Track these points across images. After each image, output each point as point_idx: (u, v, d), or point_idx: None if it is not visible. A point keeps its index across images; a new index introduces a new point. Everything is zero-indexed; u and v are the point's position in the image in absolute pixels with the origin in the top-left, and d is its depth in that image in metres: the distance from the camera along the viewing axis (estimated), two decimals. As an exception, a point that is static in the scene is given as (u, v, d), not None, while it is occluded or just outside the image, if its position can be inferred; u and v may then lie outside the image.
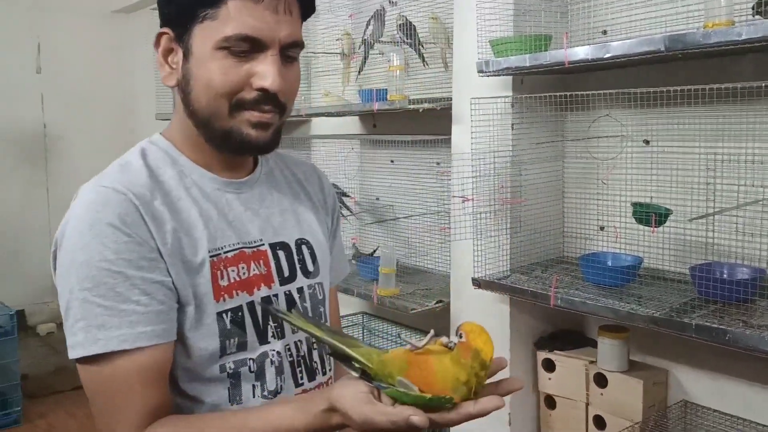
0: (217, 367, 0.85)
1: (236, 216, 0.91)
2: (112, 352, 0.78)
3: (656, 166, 1.85)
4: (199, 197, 0.88)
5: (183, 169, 0.89)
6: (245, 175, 0.96)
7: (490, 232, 1.96)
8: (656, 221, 1.57)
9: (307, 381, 0.94)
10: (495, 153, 1.93)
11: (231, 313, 0.86)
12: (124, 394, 0.79)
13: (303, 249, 0.98)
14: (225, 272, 0.86)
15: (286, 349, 0.92)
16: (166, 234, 0.82)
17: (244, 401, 0.87)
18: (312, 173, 1.09)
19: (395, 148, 2.68)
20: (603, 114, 1.96)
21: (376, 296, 2.28)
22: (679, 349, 1.91)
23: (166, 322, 0.81)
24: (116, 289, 0.79)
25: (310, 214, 1.03)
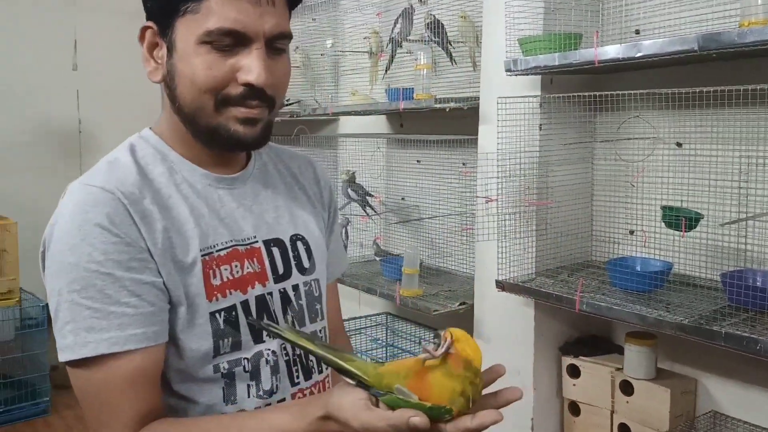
0: (210, 367, 0.84)
1: (228, 213, 0.89)
2: (102, 355, 0.77)
3: (688, 169, 1.80)
4: (190, 194, 0.86)
5: (173, 165, 0.87)
6: (238, 170, 0.94)
7: (515, 233, 1.93)
8: (686, 225, 1.52)
9: (303, 380, 0.92)
10: (522, 153, 1.89)
11: (224, 313, 0.84)
12: (114, 398, 0.78)
13: (298, 245, 0.96)
14: (217, 271, 0.84)
15: (282, 348, 0.90)
16: (156, 233, 0.80)
17: (239, 401, 0.85)
18: (307, 166, 1.06)
19: (422, 147, 2.66)
20: (633, 115, 1.92)
21: (399, 297, 2.26)
22: (708, 357, 1.85)
23: (157, 324, 0.79)
24: (105, 291, 0.77)
25: (305, 208, 1.00)
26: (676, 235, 1.81)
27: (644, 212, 1.92)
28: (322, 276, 1.00)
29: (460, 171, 1.97)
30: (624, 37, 1.89)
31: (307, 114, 2.87)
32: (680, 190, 1.80)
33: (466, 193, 2.47)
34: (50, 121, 4.23)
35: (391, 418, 0.66)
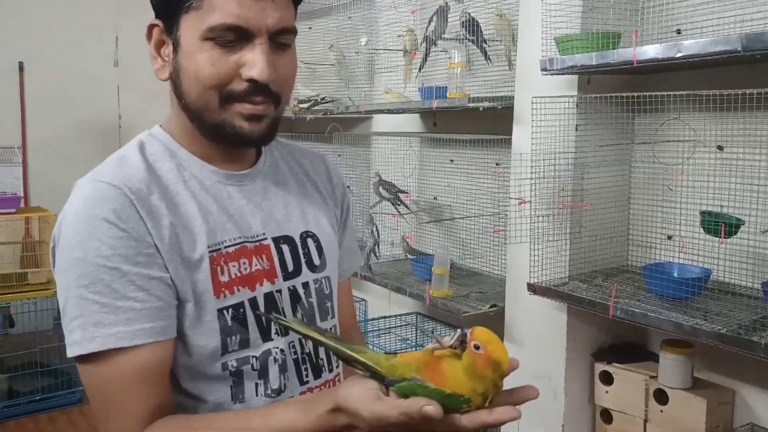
0: (219, 365, 0.83)
1: (237, 209, 0.88)
2: (109, 350, 0.76)
3: (729, 173, 1.74)
4: (198, 191, 0.86)
5: (182, 162, 0.87)
6: (248, 166, 0.93)
7: (548, 236, 1.90)
8: (726, 231, 1.47)
9: (312, 379, 0.91)
10: (556, 154, 1.86)
11: (232, 310, 0.84)
12: (122, 393, 0.77)
13: (308, 242, 0.95)
14: (225, 267, 0.84)
15: (290, 346, 0.89)
16: (163, 229, 0.80)
17: (247, 400, 0.85)
18: (320, 163, 1.05)
19: (455, 147, 2.63)
20: (672, 117, 1.87)
21: (429, 297, 2.24)
22: (748, 368, 1.79)
23: (165, 319, 0.79)
24: (112, 285, 0.77)
25: (317, 205, 0.99)
26: (715, 242, 1.76)
27: (683, 217, 1.87)
28: (333, 274, 0.99)
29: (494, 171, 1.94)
30: (664, 36, 1.83)
31: (340, 112, 2.87)
32: (720, 194, 1.74)
33: (498, 193, 2.44)
34: (91, 115, 4.32)
35: (402, 406, 0.64)
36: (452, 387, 0.64)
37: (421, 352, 0.70)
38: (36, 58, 4.03)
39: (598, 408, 2.03)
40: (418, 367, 0.67)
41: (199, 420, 0.80)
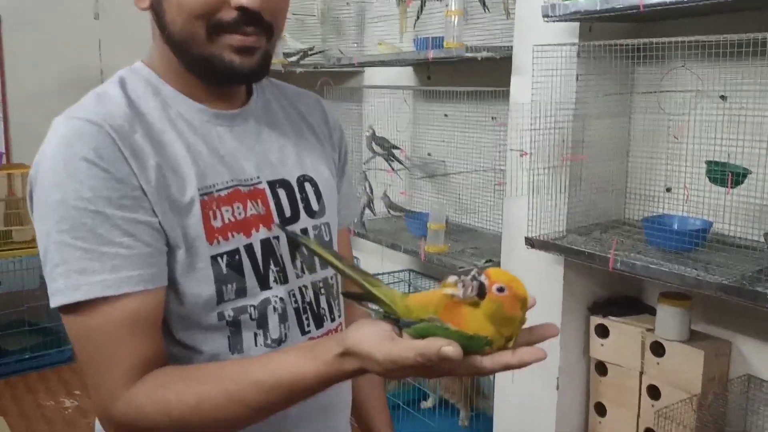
0: (215, 314, 0.79)
1: (228, 151, 0.82)
2: (95, 299, 0.71)
3: (732, 123, 1.71)
4: (186, 130, 0.80)
5: (167, 100, 0.81)
6: (238, 106, 0.87)
7: (548, 189, 1.86)
8: (733, 181, 1.44)
9: (314, 328, 0.87)
10: (558, 104, 1.81)
11: (227, 257, 0.79)
12: (111, 345, 0.72)
13: (306, 186, 0.89)
14: (218, 212, 0.78)
15: (291, 295, 0.85)
16: (148, 170, 0.74)
17: (246, 350, 0.81)
18: (315, 105, 0.99)
19: (449, 101, 2.58)
20: (677, 66, 1.82)
21: (424, 253, 2.21)
22: (745, 320, 1.79)
23: (154, 266, 0.74)
24: (96, 230, 0.71)
25: (313, 148, 0.93)
26: (717, 193, 1.74)
27: (684, 169, 1.84)
28: (332, 220, 0.94)
29: (494, 124, 1.89)
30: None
31: (331, 65, 2.79)
32: (723, 145, 1.71)
33: (494, 148, 2.40)
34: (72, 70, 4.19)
35: (419, 347, 0.60)
36: (474, 329, 0.60)
37: (435, 293, 0.65)
38: (14, 11, 3.89)
39: (593, 361, 2.04)
40: (436, 309, 0.62)
41: (194, 370, 0.76)
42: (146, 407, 0.72)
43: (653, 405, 1.86)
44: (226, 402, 0.70)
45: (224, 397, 0.70)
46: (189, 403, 0.71)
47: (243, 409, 0.70)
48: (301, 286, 0.87)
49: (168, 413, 0.71)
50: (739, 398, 1.78)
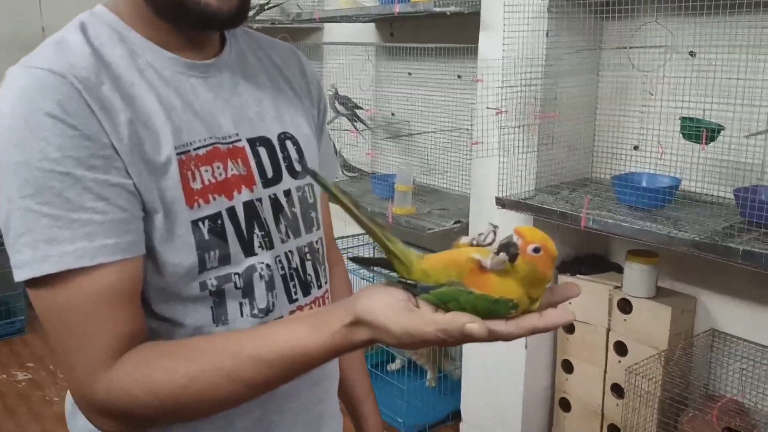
0: (196, 284, 0.72)
1: (204, 105, 0.75)
2: (67, 272, 0.64)
3: (701, 80, 1.71)
4: (157, 82, 0.72)
5: (134, 48, 0.72)
6: (212, 56, 0.79)
7: (519, 148, 1.84)
8: (707, 137, 1.43)
9: (302, 296, 0.82)
10: (529, 61, 1.77)
11: (209, 222, 0.72)
12: (88, 321, 0.65)
13: (287, 145, 0.83)
14: (197, 173, 0.72)
15: (277, 261, 0.79)
16: (120, 126, 0.66)
17: (231, 321, 0.75)
18: (291, 56, 0.92)
19: (413, 59, 2.51)
20: (646, 22, 1.80)
21: (392, 215, 2.18)
22: (710, 275, 1.82)
23: (131, 233, 0.67)
24: (65, 194, 0.63)
25: (292, 104, 0.86)
26: (683, 150, 1.74)
27: (652, 126, 1.84)
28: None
29: (473, 80, 1.83)
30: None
31: (290, 21, 2.69)
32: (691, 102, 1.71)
33: (461, 107, 2.36)
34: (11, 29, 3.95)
35: (441, 321, 0.55)
36: (501, 292, 0.55)
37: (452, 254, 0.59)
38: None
39: (562, 319, 2.05)
40: (459, 273, 0.57)
41: (183, 346, 0.69)
42: (131, 388, 0.66)
43: (620, 361, 1.89)
44: (221, 380, 0.65)
45: (219, 375, 0.65)
46: (179, 383, 0.65)
47: (239, 386, 0.65)
48: (286, 251, 0.81)
49: (156, 393, 0.65)
50: (703, 352, 1.82)
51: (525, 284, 0.56)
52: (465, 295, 0.55)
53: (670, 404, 1.78)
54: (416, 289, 0.58)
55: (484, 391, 2.21)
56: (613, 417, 1.94)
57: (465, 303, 0.55)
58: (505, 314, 0.56)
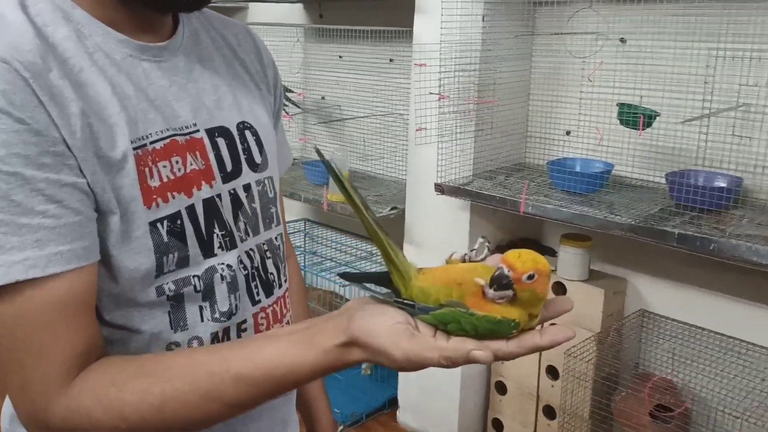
0: (153, 290, 0.66)
1: (158, 92, 0.68)
2: (17, 283, 0.57)
3: (631, 66, 1.74)
4: (108, 67, 0.64)
5: (80, 28, 0.64)
6: (165, 37, 0.71)
7: (458, 134, 1.82)
8: (644, 123, 1.46)
9: (264, 297, 0.77)
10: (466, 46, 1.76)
11: (168, 222, 0.66)
12: (40, 337, 0.58)
13: (247, 135, 0.76)
14: (155, 169, 0.65)
15: (239, 261, 0.73)
16: (72, 118, 0.59)
17: (191, 326, 0.69)
18: (246, 37, 0.84)
19: (344, 41, 2.45)
20: (581, 8, 1.82)
21: (327, 202, 2.13)
22: (640, 258, 1.87)
23: (86, 237, 0.60)
24: (12, 196, 0.56)
25: (249, 90, 0.80)
26: (616, 135, 1.78)
27: (585, 112, 1.87)
28: (275, 173, 0.81)
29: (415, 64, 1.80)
30: None
31: (213, 0, 2.56)
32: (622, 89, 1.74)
33: (395, 91, 2.33)
34: None
35: (446, 349, 0.52)
36: (502, 312, 0.53)
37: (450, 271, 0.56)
38: None
39: (497, 304, 2.07)
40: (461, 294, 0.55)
41: (155, 362, 0.62)
42: (94, 411, 0.59)
43: (555, 343, 1.92)
44: (199, 400, 0.59)
45: (197, 395, 0.59)
46: (152, 404, 0.59)
47: (219, 406, 0.59)
48: (248, 249, 0.75)
49: (124, 417, 0.59)
50: (634, 332, 1.88)
51: (526, 307, 0.54)
52: (467, 317, 0.53)
53: (603, 384, 1.83)
54: (415, 310, 0.55)
55: (421, 376, 2.21)
56: (548, 398, 1.98)
57: (466, 324, 0.53)
58: (507, 334, 0.54)
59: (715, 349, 1.71)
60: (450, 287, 0.55)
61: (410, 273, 0.57)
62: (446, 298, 0.54)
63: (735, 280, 1.68)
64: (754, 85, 1.48)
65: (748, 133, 1.52)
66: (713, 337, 1.73)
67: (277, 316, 0.79)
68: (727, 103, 1.52)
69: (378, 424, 2.37)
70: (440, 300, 0.55)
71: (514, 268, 0.53)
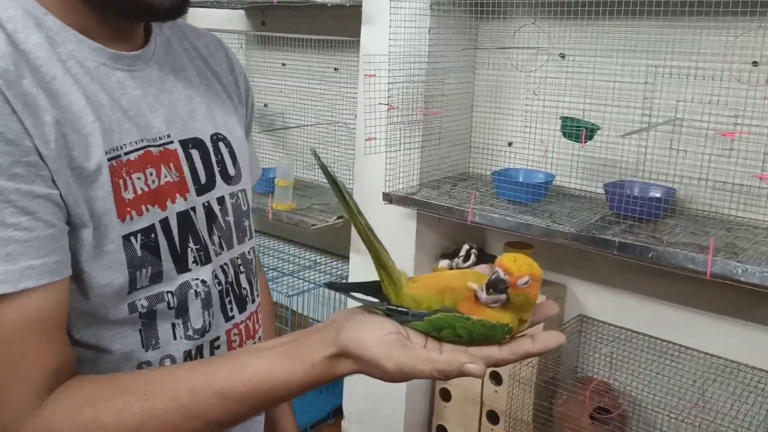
0: (125, 306, 0.65)
1: (132, 102, 0.67)
2: None
3: (570, 81, 1.81)
4: (82, 75, 0.63)
5: (52, 35, 0.62)
6: (138, 47, 0.70)
7: (406, 144, 1.85)
8: (586, 137, 1.52)
9: (237, 313, 0.76)
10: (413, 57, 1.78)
11: (141, 236, 0.64)
12: (12, 356, 0.56)
13: (220, 147, 0.76)
14: (129, 181, 0.64)
15: (214, 276, 0.72)
16: (45, 128, 0.57)
17: (163, 345, 0.68)
18: (218, 48, 0.84)
19: (288, 49, 2.44)
20: (525, 24, 1.87)
21: (272, 211, 2.11)
22: (578, 264, 1.94)
23: (59, 251, 0.59)
24: None
25: (222, 101, 0.79)
26: (555, 148, 1.84)
27: (525, 124, 1.92)
28: (248, 186, 0.81)
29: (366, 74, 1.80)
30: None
31: (152, 4, 2.50)
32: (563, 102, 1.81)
33: (340, 100, 2.33)
34: None
35: (439, 362, 0.52)
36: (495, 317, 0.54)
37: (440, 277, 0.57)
38: None
39: (442, 311, 2.10)
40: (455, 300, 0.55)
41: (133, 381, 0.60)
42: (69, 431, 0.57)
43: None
44: (180, 419, 0.57)
45: (178, 414, 0.57)
46: (130, 424, 0.57)
47: (202, 424, 0.58)
48: (222, 264, 0.74)
49: None
50: (573, 337, 1.94)
51: (517, 311, 0.55)
52: (462, 321, 0.54)
53: (545, 388, 1.88)
54: (407, 317, 0.55)
55: (366, 385, 2.21)
56: (492, 404, 2.02)
57: (461, 329, 0.54)
58: (501, 340, 0.55)
59: (651, 352, 1.79)
60: (442, 293, 0.56)
61: (402, 281, 0.58)
62: (439, 305, 0.55)
63: (669, 286, 1.77)
64: (690, 100, 1.56)
65: (683, 147, 1.60)
66: (649, 341, 1.81)
67: (250, 332, 0.78)
68: (665, 118, 1.61)
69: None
70: (432, 306, 0.55)
71: (510, 272, 0.54)
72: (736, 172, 1.57)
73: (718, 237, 1.47)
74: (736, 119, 1.53)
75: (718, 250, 1.38)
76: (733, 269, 1.32)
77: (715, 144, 1.57)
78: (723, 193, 1.59)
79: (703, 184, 1.61)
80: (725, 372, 1.68)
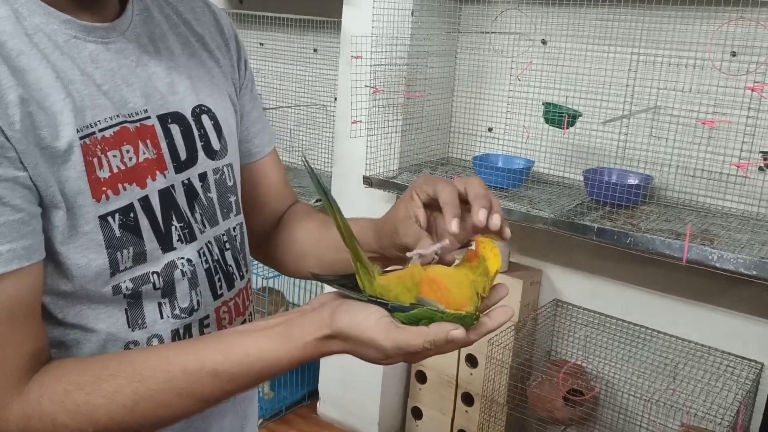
0: (109, 288, 0.63)
1: (106, 76, 0.64)
2: None
3: (551, 67, 1.82)
4: (51, 50, 0.60)
5: (18, 8, 0.60)
6: (111, 17, 0.67)
7: (387, 127, 1.84)
8: (568, 122, 1.53)
9: (226, 290, 0.75)
10: (396, 40, 1.77)
11: (120, 215, 0.62)
12: None
13: (203, 120, 0.73)
14: (104, 159, 0.61)
15: (201, 254, 0.71)
16: (10, 107, 0.55)
17: (149, 324, 0.67)
18: (204, 10, 0.80)
19: (266, 29, 2.41)
20: (507, 8, 1.87)
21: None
22: (554, 249, 1.97)
23: (29, 236, 0.57)
24: None
25: (208, 69, 0.76)
26: (534, 133, 1.85)
27: (505, 109, 1.93)
28: (235, 159, 0.78)
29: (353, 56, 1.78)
30: None
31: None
32: (543, 88, 1.82)
33: (319, 82, 2.31)
34: None
35: (429, 333, 0.56)
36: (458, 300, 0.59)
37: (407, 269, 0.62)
38: None
39: (419, 295, 2.11)
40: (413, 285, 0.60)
41: (124, 364, 0.59)
42: (59, 416, 0.56)
43: (475, 332, 1.99)
44: (174, 398, 0.58)
45: (171, 393, 0.57)
46: (124, 405, 0.57)
47: (194, 402, 0.59)
48: (207, 242, 0.72)
49: (93, 420, 0.56)
50: (548, 320, 1.97)
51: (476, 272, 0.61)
52: (438, 314, 0.58)
53: (519, 370, 1.91)
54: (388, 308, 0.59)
55: (342, 367, 2.22)
56: (467, 386, 2.04)
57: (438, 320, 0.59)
58: (470, 326, 0.59)
59: (625, 336, 1.83)
60: (404, 278, 0.61)
61: (375, 273, 0.62)
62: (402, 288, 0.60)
63: (642, 271, 1.80)
64: (671, 89, 1.58)
65: (663, 134, 1.63)
66: (621, 325, 1.85)
67: (239, 309, 0.77)
68: (645, 106, 1.63)
69: (298, 417, 2.36)
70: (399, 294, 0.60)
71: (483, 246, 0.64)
72: (713, 161, 1.60)
73: (693, 224, 1.50)
74: (715, 108, 1.56)
75: (694, 236, 1.41)
76: (708, 255, 1.35)
77: (695, 132, 1.60)
78: (699, 180, 1.62)
79: (681, 171, 1.64)
80: (696, 356, 1.73)
